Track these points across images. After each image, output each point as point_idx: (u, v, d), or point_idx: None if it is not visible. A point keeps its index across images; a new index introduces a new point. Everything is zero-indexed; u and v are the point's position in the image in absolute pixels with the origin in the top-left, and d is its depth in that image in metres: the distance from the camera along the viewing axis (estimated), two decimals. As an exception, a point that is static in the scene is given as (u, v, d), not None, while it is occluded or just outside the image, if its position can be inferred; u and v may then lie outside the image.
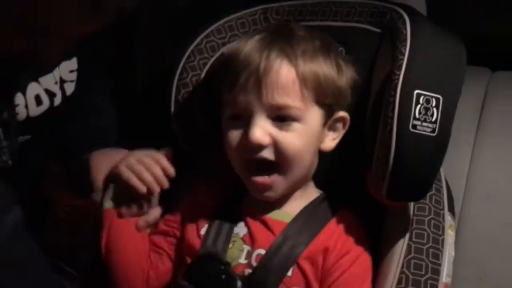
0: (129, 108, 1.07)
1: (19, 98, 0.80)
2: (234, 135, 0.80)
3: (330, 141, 0.84)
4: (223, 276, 0.78)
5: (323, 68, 0.80)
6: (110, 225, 0.86)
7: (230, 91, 0.80)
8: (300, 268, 0.79)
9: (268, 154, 0.79)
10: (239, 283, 0.78)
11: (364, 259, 0.81)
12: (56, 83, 0.85)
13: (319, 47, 0.81)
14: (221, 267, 0.79)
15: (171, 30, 1.11)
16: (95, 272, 0.88)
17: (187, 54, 0.92)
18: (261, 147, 0.78)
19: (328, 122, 0.83)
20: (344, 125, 0.84)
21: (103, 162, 0.88)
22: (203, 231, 0.84)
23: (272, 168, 0.80)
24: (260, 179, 0.80)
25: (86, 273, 0.91)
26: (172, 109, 0.92)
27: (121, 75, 1.10)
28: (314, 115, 0.80)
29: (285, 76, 0.77)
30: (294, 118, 0.78)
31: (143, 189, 0.83)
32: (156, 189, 0.84)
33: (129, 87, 1.16)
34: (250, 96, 0.78)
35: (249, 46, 0.80)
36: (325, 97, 0.80)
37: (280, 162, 0.79)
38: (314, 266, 0.79)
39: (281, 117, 0.78)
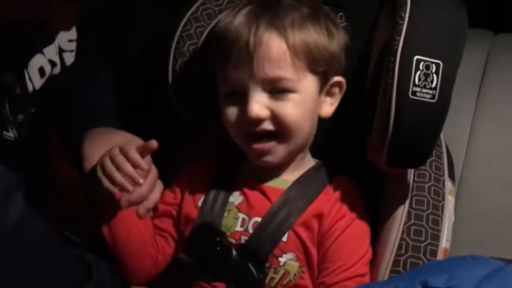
0: (128, 80, 1.06)
1: (23, 72, 0.79)
2: (232, 111, 0.80)
3: (328, 106, 0.83)
4: (218, 248, 0.79)
5: (313, 35, 0.79)
6: (109, 218, 0.85)
7: (224, 69, 0.79)
8: (296, 233, 0.80)
9: (268, 125, 0.79)
10: (234, 252, 0.79)
11: (360, 223, 0.81)
12: (56, 52, 0.84)
13: (308, 14, 0.80)
14: (216, 238, 0.80)
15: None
16: (100, 239, 0.88)
17: (183, 22, 0.90)
18: (260, 120, 0.78)
19: (324, 88, 0.82)
20: (340, 89, 0.84)
21: (96, 149, 0.87)
22: (200, 203, 0.85)
23: (272, 136, 0.80)
24: (260, 145, 0.80)
25: (91, 240, 0.91)
26: (170, 78, 0.91)
27: (119, 44, 1.09)
28: (309, 83, 0.79)
29: (275, 48, 0.77)
30: (289, 89, 0.78)
31: (113, 190, 0.83)
32: (128, 188, 0.83)
33: (128, 56, 1.15)
34: (243, 72, 0.77)
35: (237, 21, 0.79)
36: (318, 64, 0.79)
37: (280, 132, 0.80)
38: (309, 231, 0.80)
39: (276, 89, 0.78)
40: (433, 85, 0.73)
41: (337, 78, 0.83)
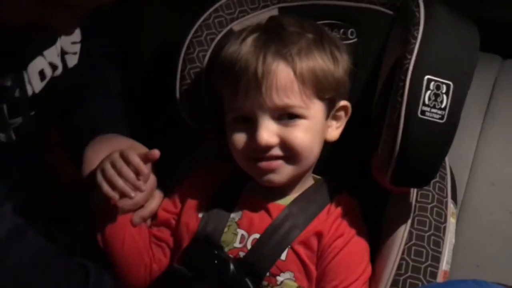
0: (135, 83, 1.05)
1: (22, 75, 0.78)
2: (239, 137, 0.80)
3: (334, 130, 0.84)
4: (216, 261, 0.79)
5: (320, 63, 0.79)
6: (104, 224, 0.84)
7: (232, 97, 0.80)
8: (295, 252, 0.80)
9: (276, 151, 0.79)
10: (231, 266, 0.78)
11: (358, 241, 0.81)
12: (58, 55, 0.83)
13: (313, 41, 0.80)
14: (214, 251, 0.79)
15: (178, 1, 1.10)
16: (93, 241, 0.88)
17: (194, 29, 0.90)
18: (269, 147, 0.78)
19: (331, 113, 0.83)
20: (346, 113, 0.84)
21: (97, 153, 0.85)
22: (200, 215, 0.84)
23: (280, 157, 0.80)
24: (266, 163, 0.80)
25: (88, 242, 0.90)
26: (178, 83, 0.90)
27: (131, 49, 1.09)
28: (317, 110, 0.80)
29: (283, 78, 0.77)
30: (298, 115, 0.78)
31: (114, 196, 0.81)
32: (130, 194, 0.82)
33: (135, 61, 1.14)
34: (252, 101, 0.77)
35: (244, 50, 0.79)
36: (325, 91, 0.80)
37: (289, 157, 0.80)
38: (309, 250, 0.80)
39: (285, 116, 0.78)
40: (443, 105, 0.73)
41: (343, 103, 0.83)
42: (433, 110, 0.73)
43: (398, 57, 0.77)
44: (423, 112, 0.73)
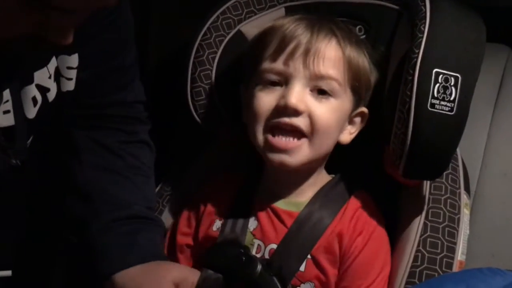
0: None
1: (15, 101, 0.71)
2: (265, 99, 0.79)
3: (348, 134, 0.84)
4: (243, 258, 0.75)
5: (364, 60, 0.83)
6: None
7: (274, 58, 0.79)
8: (314, 260, 0.79)
9: (299, 121, 0.77)
10: (259, 266, 0.77)
11: (378, 235, 0.80)
12: (50, 77, 0.74)
13: (360, 41, 0.85)
14: (241, 250, 0.78)
15: (184, 5, 1.11)
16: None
17: (203, 31, 0.91)
18: (295, 112, 0.77)
19: (352, 114, 0.83)
20: (362, 120, 0.84)
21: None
22: (215, 227, 0.83)
23: (297, 136, 0.78)
24: (283, 141, 0.78)
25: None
26: (188, 86, 0.92)
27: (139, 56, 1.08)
28: (348, 98, 0.81)
29: (333, 52, 0.80)
30: (332, 93, 0.79)
31: None
32: None
33: (143, 67, 1.15)
34: (295, 63, 0.78)
35: (296, 23, 0.81)
36: (360, 86, 0.82)
37: (309, 133, 0.78)
38: (330, 254, 0.79)
39: (319, 90, 0.79)
40: (452, 98, 0.74)
41: (363, 109, 0.84)
42: (442, 102, 0.74)
43: (406, 52, 0.78)
44: (432, 105, 0.74)
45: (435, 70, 0.74)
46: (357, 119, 0.84)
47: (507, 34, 1.08)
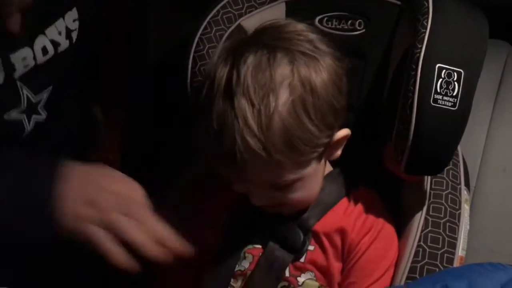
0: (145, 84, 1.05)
1: (26, 51, 0.77)
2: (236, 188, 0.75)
3: (334, 156, 0.79)
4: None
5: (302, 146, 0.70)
6: None
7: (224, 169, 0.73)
8: (319, 243, 0.79)
9: (275, 208, 0.77)
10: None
11: (387, 233, 0.80)
12: (60, 33, 0.81)
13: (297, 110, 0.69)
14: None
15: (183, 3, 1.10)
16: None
17: (203, 25, 0.91)
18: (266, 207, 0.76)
19: (326, 153, 0.76)
20: (344, 138, 0.77)
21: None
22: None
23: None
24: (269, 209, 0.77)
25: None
26: (189, 79, 0.91)
27: (132, 46, 1.09)
28: (311, 167, 0.74)
29: (269, 169, 0.70)
30: (293, 180, 0.73)
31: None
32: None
33: (141, 59, 1.15)
34: (239, 176, 0.73)
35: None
36: (316, 145, 0.72)
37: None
38: (333, 247, 0.79)
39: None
40: (455, 93, 0.74)
41: (336, 139, 0.75)
42: (445, 98, 0.74)
43: (408, 47, 0.78)
44: (435, 100, 0.74)
45: (438, 65, 0.74)
46: (337, 145, 0.77)
47: (507, 31, 1.09)
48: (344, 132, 0.77)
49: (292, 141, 0.68)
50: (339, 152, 0.80)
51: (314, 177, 0.76)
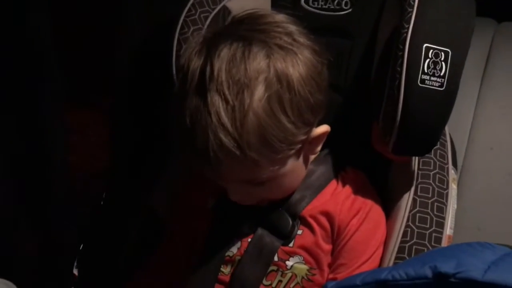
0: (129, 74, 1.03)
1: None
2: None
3: (314, 152, 0.78)
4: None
5: (276, 143, 0.68)
6: None
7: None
8: (307, 225, 0.79)
9: (255, 201, 0.76)
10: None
11: (375, 215, 0.80)
12: None
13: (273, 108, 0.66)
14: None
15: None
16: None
17: (187, 7, 0.89)
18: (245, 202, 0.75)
19: (304, 150, 0.74)
20: (323, 135, 0.75)
21: None
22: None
23: None
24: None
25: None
26: (173, 64, 0.90)
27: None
28: (290, 163, 0.72)
29: (243, 168, 0.68)
30: (271, 176, 0.71)
31: None
32: None
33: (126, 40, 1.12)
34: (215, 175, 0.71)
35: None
36: (293, 141, 0.70)
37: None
38: (321, 228, 0.79)
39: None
40: (442, 73, 0.73)
41: (314, 135, 0.74)
42: (432, 78, 0.73)
43: (395, 27, 0.77)
44: (422, 81, 0.73)
45: (425, 45, 0.73)
46: (315, 141, 0.75)
47: (493, 8, 1.08)
48: (323, 128, 0.75)
49: (267, 138, 0.66)
50: (318, 148, 0.78)
51: (293, 173, 0.74)
